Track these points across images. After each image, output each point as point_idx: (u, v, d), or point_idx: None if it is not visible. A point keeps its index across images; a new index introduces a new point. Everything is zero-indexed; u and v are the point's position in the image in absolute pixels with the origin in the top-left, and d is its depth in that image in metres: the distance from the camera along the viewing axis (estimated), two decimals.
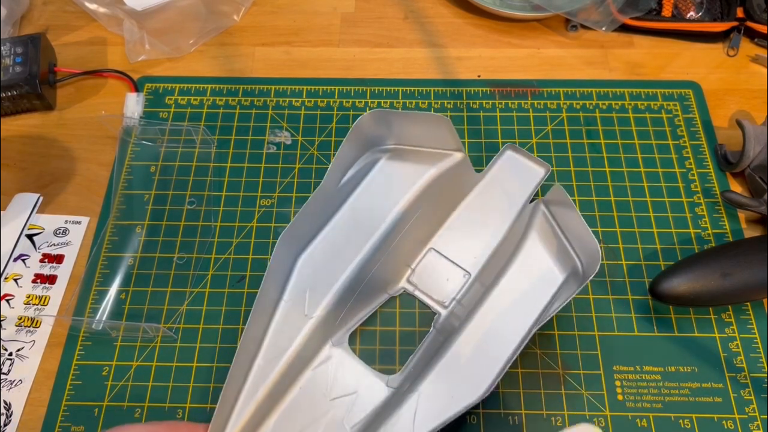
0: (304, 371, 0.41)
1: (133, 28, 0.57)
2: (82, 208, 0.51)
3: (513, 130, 0.54)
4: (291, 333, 0.40)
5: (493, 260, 0.45)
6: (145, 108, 0.55)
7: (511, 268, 0.44)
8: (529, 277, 0.43)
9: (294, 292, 0.41)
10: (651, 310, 0.46)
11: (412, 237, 0.45)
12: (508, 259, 0.44)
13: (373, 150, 0.46)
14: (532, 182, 0.47)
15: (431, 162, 0.46)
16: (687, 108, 0.55)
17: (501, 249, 0.45)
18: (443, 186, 0.46)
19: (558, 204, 0.44)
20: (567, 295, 0.40)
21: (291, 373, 0.40)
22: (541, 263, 0.43)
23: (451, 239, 0.46)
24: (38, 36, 0.55)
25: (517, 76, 0.57)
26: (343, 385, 0.40)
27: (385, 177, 0.46)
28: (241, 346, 0.38)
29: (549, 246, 0.44)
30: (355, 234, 0.44)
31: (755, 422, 0.42)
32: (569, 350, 0.44)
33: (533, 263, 0.44)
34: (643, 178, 0.51)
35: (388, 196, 0.45)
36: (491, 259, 0.45)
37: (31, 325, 0.46)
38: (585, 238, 0.41)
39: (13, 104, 0.54)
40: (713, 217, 0.49)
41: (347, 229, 0.44)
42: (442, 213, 0.47)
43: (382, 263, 0.44)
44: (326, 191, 0.43)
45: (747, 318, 0.45)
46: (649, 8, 0.58)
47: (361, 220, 0.44)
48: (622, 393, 0.43)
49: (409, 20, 0.61)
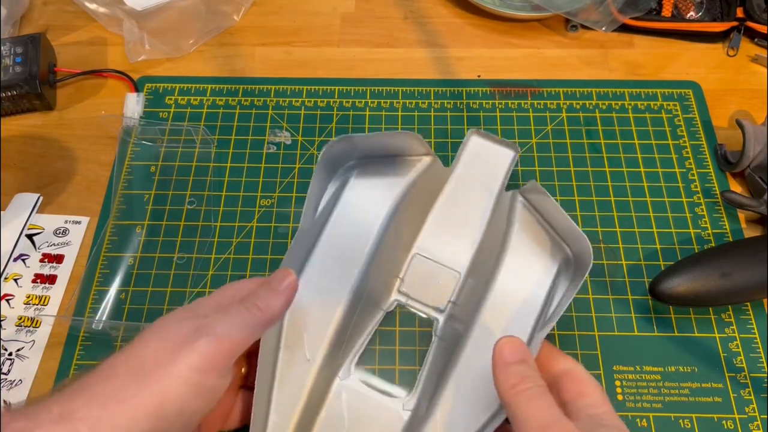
0: (319, 415, 0.39)
1: (133, 28, 0.57)
2: (82, 208, 0.51)
3: (513, 130, 0.54)
4: (297, 381, 0.39)
5: (481, 255, 0.44)
6: (145, 108, 0.55)
7: (503, 262, 0.42)
8: (522, 271, 0.42)
9: (290, 339, 0.40)
10: (651, 310, 0.46)
11: (396, 247, 0.44)
12: (497, 253, 0.43)
13: (341, 171, 0.45)
14: (503, 166, 0.45)
15: (401, 170, 0.45)
16: (687, 108, 0.55)
17: (486, 242, 0.44)
18: (418, 191, 0.45)
19: (535, 194, 0.43)
20: (566, 288, 0.40)
21: (305, 422, 0.38)
22: (531, 254, 0.42)
23: (434, 241, 0.44)
24: (38, 36, 0.55)
25: (517, 76, 0.57)
26: (360, 420, 0.39)
27: (357, 195, 0.44)
28: (254, 405, 0.36)
29: (535, 236, 0.43)
30: (340, 262, 0.42)
31: (755, 422, 0.42)
32: (569, 350, 0.44)
33: (523, 255, 0.42)
34: (642, 178, 0.51)
35: (364, 214, 0.43)
36: (478, 253, 0.44)
37: (31, 325, 0.46)
38: (570, 229, 0.40)
39: (13, 104, 0.54)
40: (713, 217, 0.49)
41: (331, 260, 0.42)
42: (420, 216, 0.45)
43: (372, 282, 0.42)
44: (304, 231, 0.41)
45: (747, 318, 0.45)
46: (649, 8, 0.58)
47: (342, 246, 0.43)
48: (622, 393, 0.43)
49: (409, 20, 0.61)
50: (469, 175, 0.45)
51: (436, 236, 0.44)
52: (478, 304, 0.41)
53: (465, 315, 0.42)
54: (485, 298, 0.41)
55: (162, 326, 0.31)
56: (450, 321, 0.43)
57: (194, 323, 0.31)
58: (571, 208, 0.50)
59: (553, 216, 0.42)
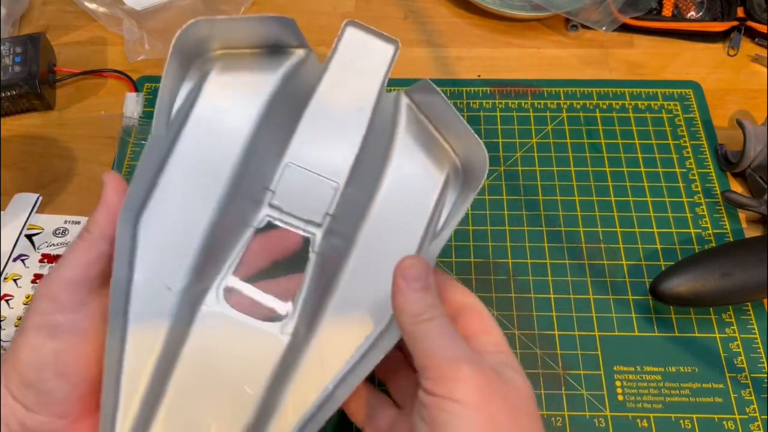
0: (182, 350, 0.33)
1: (132, 27, 0.57)
2: (82, 208, 0.51)
3: (513, 129, 0.54)
4: (156, 312, 0.33)
5: (361, 163, 0.39)
6: (145, 108, 0.55)
7: (386, 171, 0.38)
8: (407, 180, 0.38)
9: (145, 268, 0.34)
10: (651, 310, 0.46)
11: (264, 156, 0.38)
12: (380, 160, 0.39)
13: (198, 63, 0.38)
14: (384, 62, 0.40)
15: (271, 66, 0.39)
16: (687, 108, 0.55)
17: (366, 148, 0.39)
18: (289, 90, 0.39)
19: (424, 95, 0.38)
20: (454, 200, 0.37)
21: (168, 357, 0.33)
22: (417, 162, 0.38)
23: (308, 147, 0.38)
24: (38, 36, 0.55)
25: (517, 76, 0.57)
26: (234, 348, 0.34)
27: (218, 94, 0.38)
28: (106, 348, 0.31)
29: (423, 141, 0.39)
30: (200, 174, 0.36)
31: (755, 422, 0.41)
32: (569, 350, 0.44)
33: (408, 164, 0.38)
34: (643, 178, 0.51)
35: (226, 116, 0.37)
36: (357, 161, 0.39)
37: None
38: (463, 134, 0.36)
39: (12, 104, 0.54)
40: (714, 217, 0.49)
41: (190, 171, 0.36)
42: (292, 120, 0.39)
43: (238, 197, 0.37)
44: (156, 138, 0.35)
45: (747, 318, 0.45)
46: (650, 8, 0.58)
47: (202, 154, 0.36)
48: (622, 393, 0.43)
49: (409, 20, 0.61)
50: (344, 73, 0.40)
51: (310, 142, 0.39)
52: (359, 216, 0.37)
53: (345, 229, 0.37)
54: (367, 210, 0.37)
55: None
56: (329, 236, 0.38)
57: None
58: (572, 208, 0.50)
59: (443, 120, 0.38)
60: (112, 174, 0.32)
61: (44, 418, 0.28)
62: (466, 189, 0.37)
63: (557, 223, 0.49)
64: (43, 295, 0.29)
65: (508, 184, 0.51)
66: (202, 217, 0.35)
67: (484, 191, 0.51)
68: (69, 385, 0.28)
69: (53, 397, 0.28)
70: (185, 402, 0.33)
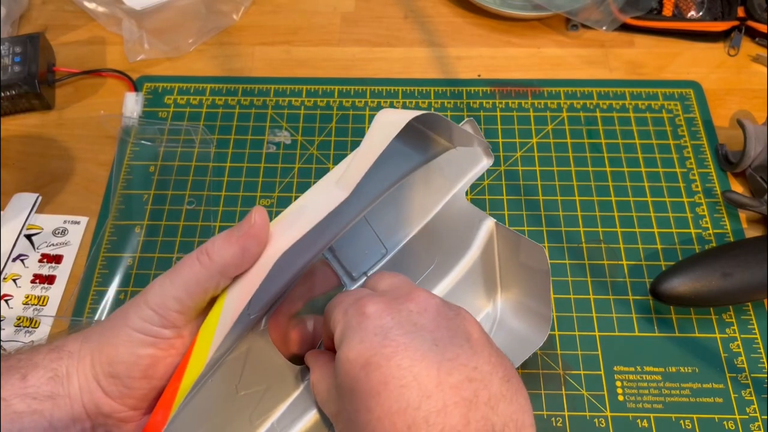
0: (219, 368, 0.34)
1: (132, 27, 0.57)
2: (81, 208, 0.51)
3: (513, 129, 0.54)
4: (233, 337, 0.34)
5: (413, 246, 0.40)
6: (144, 107, 0.55)
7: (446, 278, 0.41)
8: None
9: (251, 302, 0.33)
10: (652, 311, 0.46)
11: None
12: (445, 266, 0.41)
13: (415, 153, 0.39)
14: (473, 170, 0.41)
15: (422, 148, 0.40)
16: (688, 108, 0.55)
17: (422, 238, 0.41)
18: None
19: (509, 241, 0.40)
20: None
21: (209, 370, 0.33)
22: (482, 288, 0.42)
23: (384, 213, 0.40)
24: (37, 35, 0.55)
25: (518, 76, 0.57)
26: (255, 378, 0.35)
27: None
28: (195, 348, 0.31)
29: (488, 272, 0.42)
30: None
31: (756, 423, 0.41)
32: (570, 351, 0.44)
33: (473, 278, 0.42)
34: (643, 178, 0.51)
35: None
36: (411, 243, 0.40)
37: (29, 325, 0.46)
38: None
39: (11, 104, 0.54)
40: (714, 217, 0.49)
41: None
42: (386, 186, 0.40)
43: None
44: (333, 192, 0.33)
45: (748, 318, 0.45)
46: (650, 8, 0.57)
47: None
48: (622, 393, 0.43)
49: (409, 20, 0.61)
50: (441, 164, 0.40)
51: (388, 210, 0.40)
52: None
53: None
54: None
55: None
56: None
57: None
58: (572, 208, 0.50)
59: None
60: (260, 213, 0.31)
61: (119, 407, 0.30)
62: None
63: (557, 223, 0.49)
64: (153, 307, 0.30)
65: (508, 184, 0.51)
66: (299, 262, 0.36)
67: (485, 191, 0.51)
68: (150, 386, 0.31)
69: (134, 392, 0.30)
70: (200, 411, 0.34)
